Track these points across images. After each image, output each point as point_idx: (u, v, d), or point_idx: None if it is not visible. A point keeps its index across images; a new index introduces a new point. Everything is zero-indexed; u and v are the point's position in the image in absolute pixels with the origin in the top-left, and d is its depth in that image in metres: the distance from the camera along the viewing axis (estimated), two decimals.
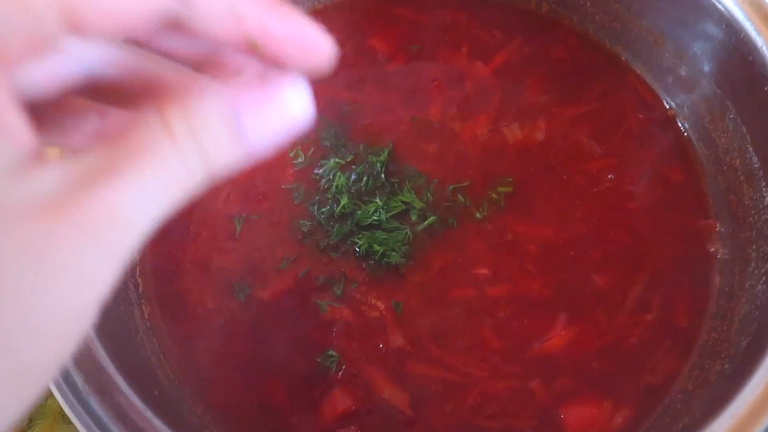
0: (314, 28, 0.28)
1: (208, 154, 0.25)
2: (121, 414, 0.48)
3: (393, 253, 0.67)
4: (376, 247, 0.67)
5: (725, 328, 0.60)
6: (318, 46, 0.28)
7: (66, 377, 0.49)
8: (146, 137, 0.24)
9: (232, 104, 0.26)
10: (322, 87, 0.85)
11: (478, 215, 0.70)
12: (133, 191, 0.23)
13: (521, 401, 0.62)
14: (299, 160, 0.74)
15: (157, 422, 0.49)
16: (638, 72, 0.78)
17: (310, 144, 0.75)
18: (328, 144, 0.75)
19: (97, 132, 0.31)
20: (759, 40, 0.61)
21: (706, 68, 0.69)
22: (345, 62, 0.81)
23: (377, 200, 0.70)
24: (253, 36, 0.27)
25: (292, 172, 0.74)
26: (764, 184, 0.62)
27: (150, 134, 0.24)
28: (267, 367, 0.64)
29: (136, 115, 0.25)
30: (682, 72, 0.73)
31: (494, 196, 0.71)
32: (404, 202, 0.70)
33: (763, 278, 0.58)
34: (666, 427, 0.56)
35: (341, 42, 0.93)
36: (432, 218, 0.70)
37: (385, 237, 0.68)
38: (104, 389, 0.49)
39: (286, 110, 0.28)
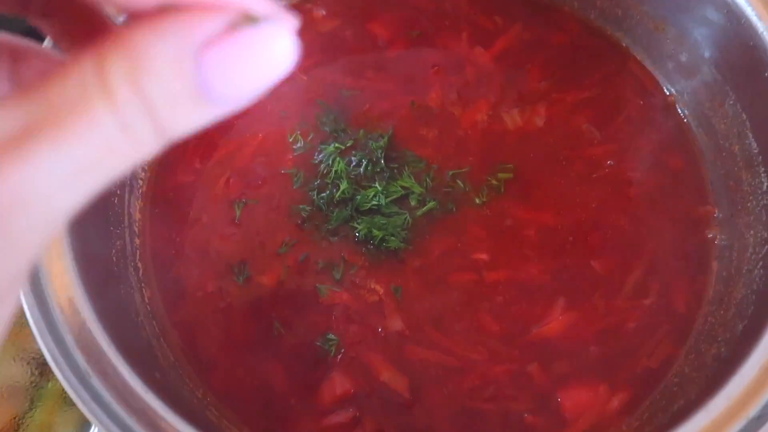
0: None
1: (159, 114, 0.20)
2: (122, 395, 0.49)
3: (392, 238, 0.68)
4: (376, 232, 0.68)
5: (722, 312, 0.61)
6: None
7: (68, 359, 0.50)
8: (73, 91, 0.19)
9: (195, 45, 0.20)
10: (322, 72, 0.85)
11: (477, 201, 0.70)
12: (50, 164, 0.19)
13: (519, 385, 0.62)
14: (298, 145, 0.74)
15: (158, 404, 0.50)
16: (639, 58, 0.78)
17: (310, 129, 0.75)
18: (327, 129, 0.75)
19: (15, 77, 0.27)
20: (760, 26, 0.61)
21: (707, 54, 0.69)
22: (345, 47, 0.82)
23: (376, 185, 0.70)
24: None
25: (291, 157, 0.74)
26: (763, 170, 0.63)
27: (79, 86, 0.19)
28: (267, 350, 0.64)
29: (70, 58, 0.20)
30: (683, 58, 0.73)
31: (494, 182, 0.71)
32: (403, 187, 0.70)
33: (760, 263, 0.59)
34: (662, 409, 0.57)
35: (341, 27, 0.93)
36: (431, 203, 0.70)
37: (384, 222, 0.68)
38: (105, 371, 0.49)
39: (265, 51, 0.21)
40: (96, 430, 0.63)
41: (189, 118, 0.21)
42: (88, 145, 0.19)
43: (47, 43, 0.27)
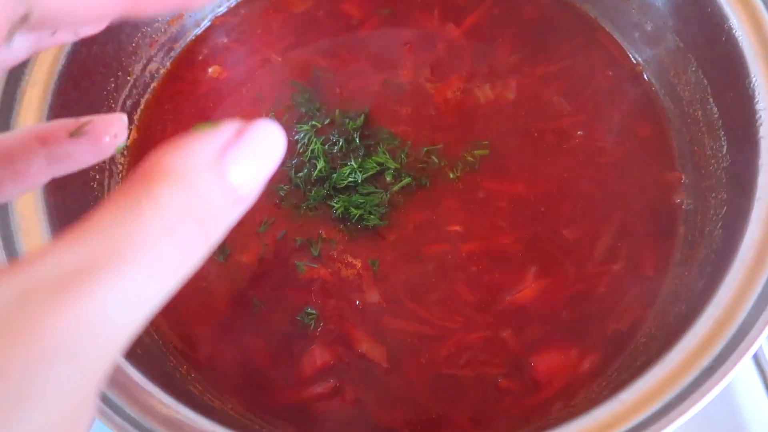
0: None
1: (207, 227, 0.22)
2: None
3: (371, 216, 0.69)
4: (354, 210, 0.69)
5: (686, 273, 0.63)
6: None
7: None
8: (134, 225, 0.21)
9: (219, 155, 0.23)
10: (296, 53, 0.86)
11: (451, 175, 0.72)
12: (119, 292, 0.20)
13: (493, 351, 0.64)
14: None
15: (140, 378, 0.52)
16: (607, 29, 0.79)
17: (285, 110, 0.76)
18: (303, 109, 0.76)
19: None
20: None
21: (670, 22, 0.70)
22: (318, 27, 0.83)
23: (352, 163, 0.71)
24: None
25: None
26: (722, 133, 0.64)
27: (139, 222, 0.21)
28: (248, 326, 0.66)
29: (119, 191, 0.22)
30: (648, 27, 0.74)
31: (470, 158, 0.73)
32: (379, 164, 0.72)
33: (720, 223, 0.60)
34: (628, 367, 0.59)
35: (314, 8, 0.93)
36: (407, 179, 0.71)
37: (362, 201, 0.70)
38: None
39: (265, 148, 0.25)
40: None
41: (227, 218, 0.24)
42: (150, 269, 0.21)
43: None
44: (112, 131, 0.32)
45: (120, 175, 0.73)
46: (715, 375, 0.45)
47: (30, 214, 0.59)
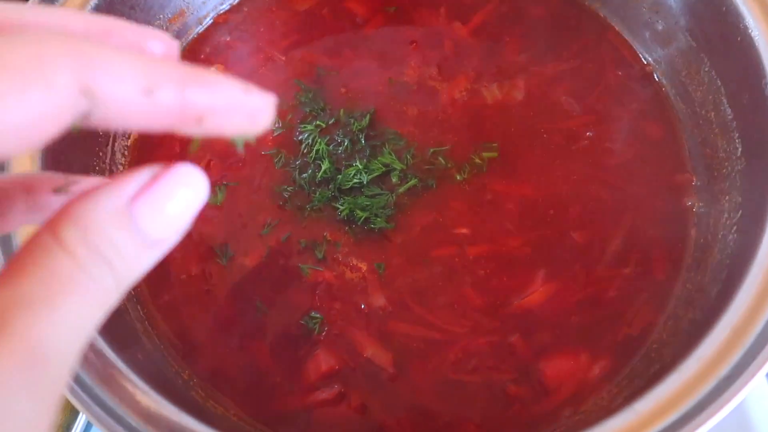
0: (248, 93, 0.26)
1: (117, 269, 0.24)
2: (104, 378, 0.49)
3: (377, 219, 0.68)
4: (359, 213, 0.68)
5: (699, 278, 0.61)
6: (256, 107, 0.26)
7: None
8: (51, 265, 0.23)
9: (126, 203, 0.24)
10: (299, 52, 0.85)
11: (458, 177, 0.71)
12: (50, 325, 0.22)
13: (501, 356, 0.63)
14: (276, 126, 0.74)
15: (142, 384, 0.50)
16: (617, 28, 0.78)
17: (289, 110, 0.75)
18: (307, 109, 0.75)
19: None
20: None
21: (682, 21, 0.69)
22: (322, 26, 0.81)
23: (357, 163, 0.70)
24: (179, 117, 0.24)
25: (271, 138, 0.74)
26: (737, 135, 0.63)
27: (54, 261, 0.23)
28: (251, 330, 0.65)
29: (30, 239, 0.24)
30: (659, 26, 0.72)
31: (478, 161, 0.71)
32: (384, 165, 0.70)
33: (734, 227, 0.59)
34: (640, 374, 0.58)
35: (318, 6, 0.91)
36: (413, 181, 0.70)
37: (368, 203, 0.68)
38: (87, 356, 0.50)
39: (182, 193, 0.25)
40: (84, 417, 0.64)
41: (140, 260, 0.25)
42: (76, 303, 0.23)
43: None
44: None
45: None
46: (734, 385, 0.44)
47: None
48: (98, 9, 0.66)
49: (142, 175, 0.25)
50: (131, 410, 0.48)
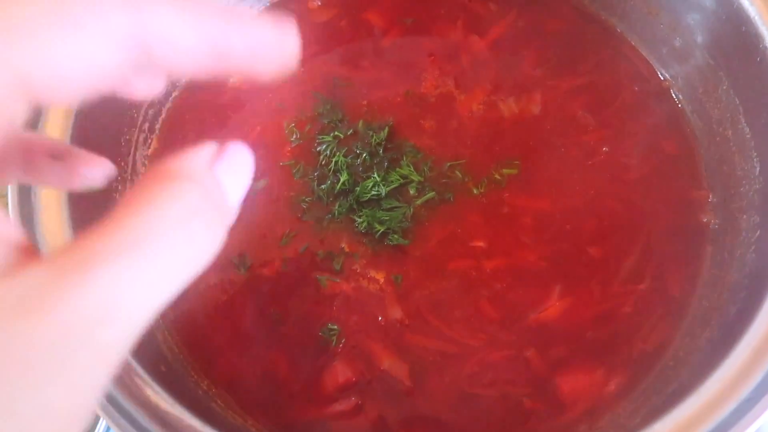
0: (277, 30, 0.27)
1: (214, 223, 0.24)
2: (129, 388, 0.50)
3: (395, 236, 0.68)
4: (377, 226, 0.68)
5: (716, 296, 0.62)
6: (283, 45, 0.28)
7: None
8: (152, 218, 0.22)
9: (212, 166, 0.26)
10: (318, 63, 0.85)
11: (475, 191, 0.71)
12: (134, 280, 0.21)
13: (517, 370, 0.64)
14: (294, 137, 0.74)
15: (165, 395, 0.51)
16: (633, 44, 0.78)
17: (307, 121, 0.76)
18: (326, 121, 0.75)
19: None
20: (752, 11, 0.61)
21: (700, 39, 0.69)
22: (341, 37, 0.82)
23: (375, 175, 0.70)
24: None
25: (289, 149, 0.74)
26: (755, 154, 0.63)
27: (156, 214, 0.22)
28: (269, 341, 0.66)
29: (141, 185, 0.23)
30: (677, 43, 0.73)
31: (497, 177, 0.72)
32: (402, 176, 0.71)
33: (753, 247, 0.60)
34: (657, 392, 0.58)
35: (337, 17, 0.92)
36: (430, 193, 0.70)
37: (386, 218, 0.69)
38: None
39: (241, 164, 0.27)
40: (104, 423, 0.65)
41: (226, 222, 0.26)
42: (165, 261, 0.22)
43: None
44: (88, 169, 0.33)
45: None
46: (756, 407, 0.44)
47: (53, 210, 0.58)
48: None
49: (208, 146, 0.26)
50: (156, 421, 0.48)
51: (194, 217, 0.23)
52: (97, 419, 0.67)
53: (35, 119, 0.60)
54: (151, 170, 0.24)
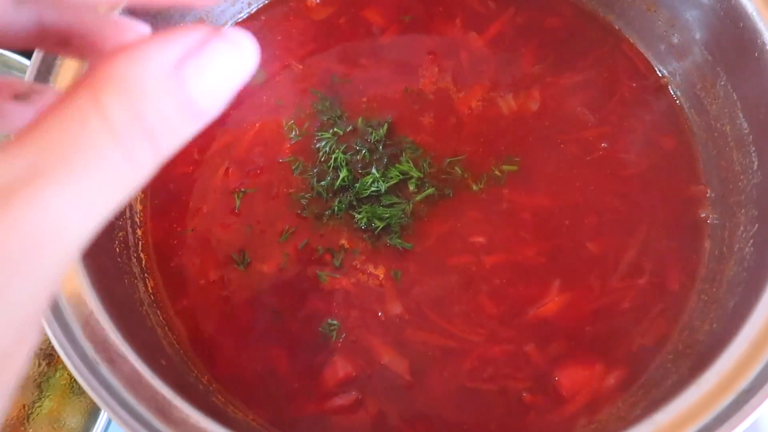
0: None
1: (157, 139, 0.21)
2: (131, 382, 0.50)
3: (397, 239, 0.68)
4: (377, 222, 0.69)
5: (714, 290, 0.62)
6: None
7: (76, 349, 0.51)
8: (75, 128, 0.20)
9: (175, 65, 0.22)
10: (316, 60, 0.85)
11: (474, 187, 0.71)
12: (62, 201, 0.20)
13: (517, 364, 0.64)
14: (294, 133, 0.75)
15: (166, 390, 0.51)
16: (631, 40, 0.78)
17: (306, 118, 0.76)
18: (325, 117, 0.76)
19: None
20: (750, 7, 0.61)
21: (698, 35, 0.70)
22: (339, 35, 0.82)
23: (374, 172, 0.71)
24: None
25: (288, 146, 0.75)
26: (753, 149, 0.64)
27: (79, 123, 0.20)
28: (269, 336, 0.66)
29: (65, 97, 0.21)
30: (675, 39, 0.73)
31: (497, 173, 0.72)
32: (402, 172, 0.71)
33: (751, 241, 0.60)
34: (656, 385, 0.58)
35: (335, 15, 0.92)
36: (430, 189, 0.71)
37: (386, 214, 0.69)
38: (113, 359, 0.51)
39: (232, 59, 0.23)
40: (105, 416, 0.65)
41: (181, 132, 0.22)
42: (95, 178, 0.20)
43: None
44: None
45: None
46: (754, 398, 0.45)
47: None
48: None
49: (190, 34, 0.22)
50: (158, 414, 0.48)
51: (129, 134, 0.21)
52: (95, 417, 0.67)
53: None
54: (89, 72, 0.21)
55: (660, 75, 0.76)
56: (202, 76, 0.22)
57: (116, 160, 0.20)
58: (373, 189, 0.70)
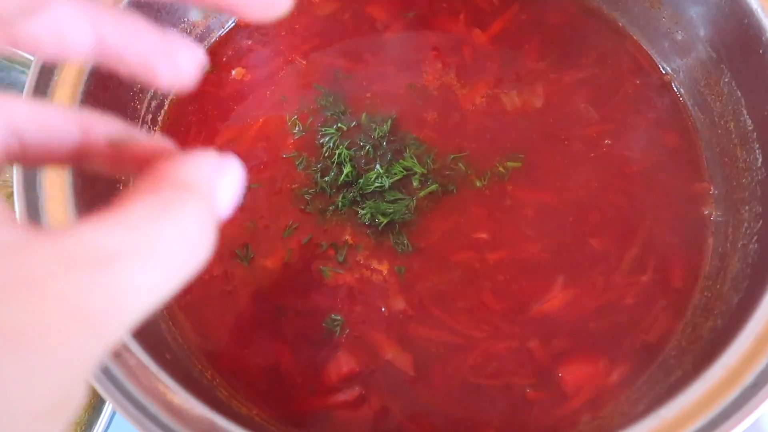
0: None
1: (208, 235, 0.25)
2: (135, 374, 0.50)
3: (401, 238, 0.68)
4: (381, 217, 0.69)
5: (718, 287, 0.62)
6: None
7: None
8: (162, 226, 0.23)
9: (210, 175, 0.27)
10: (320, 56, 0.85)
11: (478, 183, 0.71)
12: (143, 280, 0.22)
13: (520, 360, 0.64)
14: (297, 129, 0.75)
15: (171, 383, 0.51)
16: (635, 37, 0.78)
17: (309, 113, 0.76)
18: (328, 113, 0.76)
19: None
20: (754, 3, 0.61)
21: (702, 32, 0.70)
22: (343, 31, 0.82)
23: (378, 167, 0.71)
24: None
25: (292, 141, 0.75)
26: (757, 146, 0.64)
27: (165, 223, 0.24)
28: (273, 331, 0.66)
29: (150, 187, 0.25)
30: (679, 36, 0.73)
31: (501, 169, 0.72)
32: (405, 168, 0.71)
33: (755, 237, 0.60)
34: (660, 381, 0.59)
35: (340, 11, 0.93)
36: (433, 185, 0.71)
37: (390, 209, 0.69)
38: (118, 352, 0.51)
39: (235, 178, 0.29)
40: (110, 409, 0.65)
41: (215, 230, 0.26)
42: (168, 264, 0.23)
43: None
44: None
45: None
46: (760, 393, 0.45)
47: (58, 199, 0.58)
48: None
49: (212, 157, 0.28)
50: (163, 407, 0.48)
51: (195, 231, 0.25)
52: (99, 411, 0.67)
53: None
54: (160, 171, 0.26)
55: (663, 72, 0.76)
56: (222, 187, 0.27)
57: (182, 253, 0.24)
58: (376, 185, 0.70)
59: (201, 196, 0.25)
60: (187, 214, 0.24)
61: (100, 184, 0.64)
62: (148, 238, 0.23)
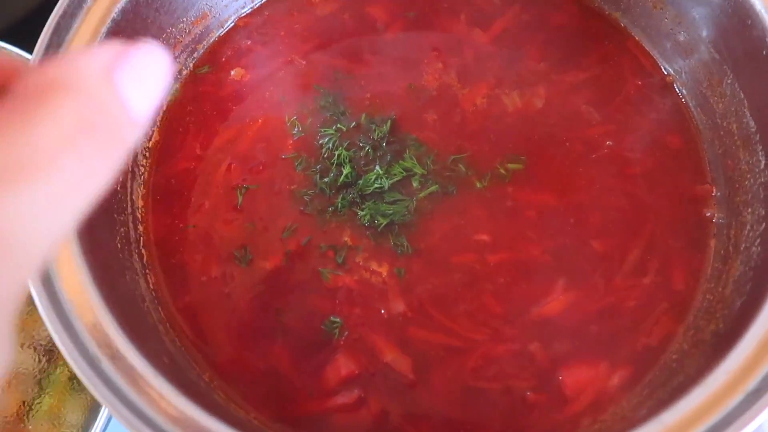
0: None
1: (107, 138, 0.22)
2: (132, 378, 0.49)
3: (401, 238, 0.68)
4: (380, 219, 0.68)
5: (720, 289, 0.62)
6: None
7: (78, 345, 0.50)
8: (33, 140, 0.20)
9: (110, 68, 0.23)
10: (320, 56, 0.85)
11: (478, 185, 0.71)
12: (26, 207, 0.20)
13: (521, 363, 0.63)
14: (296, 130, 0.74)
15: (168, 387, 0.51)
16: (637, 38, 0.78)
17: (308, 113, 0.75)
18: (328, 114, 0.75)
19: None
20: (758, 4, 0.61)
21: (705, 33, 0.69)
22: (343, 31, 0.81)
23: (378, 168, 0.70)
24: None
25: (291, 142, 0.74)
26: (760, 148, 0.63)
27: (38, 135, 0.21)
28: (272, 334, 0.65)
29: (16, 103, 0.21)
30: (681, 37, 0.73)
31: (502, 171, 0.71)
32: (405, 169, 0.71)
33: (758, 240, 0.59)
34: (662, 385, 0.58)
35: (340, 11, 0.92)
36: (434, 186, 0.70)
37: (389, 211, 0.69)
38: (115, 355, 0.50)
39: (151, 67, 0.25)
40: (106, 413, 0.64)
41: (127, 137, 0.23)
42: (55, 185, 0.20)
43: None
44: None
45: (142, 177, 0.72)
46: (763, 399, 0.44)
47: None
48: (124, 11, 0.67)
49: (112, 45, 0.24)
50: (159, 412, 0.48)
51: (81, 135, 0.21)
52: (95, 414, 0.66)
53: None
54: (31, 81, 0.22)
55: (666, 73, 0.76)
56: (130, 78, 0.23)
57: (72, 164, 0.21)
58: (376, 186, 0.70)
59: (80, 95, 0.21)
60: (61, 116, 0.21)
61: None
62: (19, 160, 0.20)
